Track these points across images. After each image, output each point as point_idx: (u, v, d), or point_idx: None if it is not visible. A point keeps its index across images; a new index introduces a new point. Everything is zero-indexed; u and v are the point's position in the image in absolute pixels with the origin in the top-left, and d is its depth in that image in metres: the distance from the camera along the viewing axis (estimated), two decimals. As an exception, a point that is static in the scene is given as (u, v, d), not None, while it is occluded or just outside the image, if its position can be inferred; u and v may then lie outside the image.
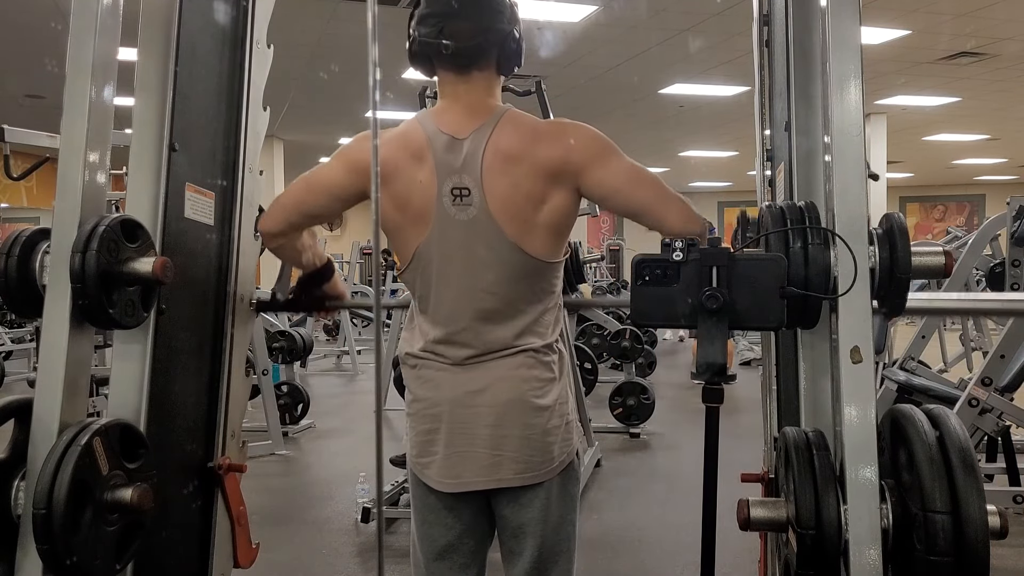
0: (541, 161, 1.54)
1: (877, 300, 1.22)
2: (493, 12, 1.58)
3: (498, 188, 1.53)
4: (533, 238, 1.56)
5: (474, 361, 1.59)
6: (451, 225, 1.55)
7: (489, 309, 1.57)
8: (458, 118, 1.58)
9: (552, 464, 1.60)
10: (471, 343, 1.59)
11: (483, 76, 1.60)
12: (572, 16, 6.55)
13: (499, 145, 1.54)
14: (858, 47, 1.23)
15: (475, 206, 1.54)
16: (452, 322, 1.59)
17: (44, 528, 1.18)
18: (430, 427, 1.62)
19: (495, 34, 1.58)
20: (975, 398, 3.44)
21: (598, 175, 1.56)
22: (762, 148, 1.66)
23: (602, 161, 1.56)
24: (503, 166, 1.54)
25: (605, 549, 3.58)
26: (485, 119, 1.57)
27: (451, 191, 1.54)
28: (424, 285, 1.61)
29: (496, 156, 1.54)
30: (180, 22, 1.59)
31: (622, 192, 1.57)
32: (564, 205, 1.57)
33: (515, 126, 1.58)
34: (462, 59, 1.58)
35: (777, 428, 1.56)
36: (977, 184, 19.17)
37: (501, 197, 1.53)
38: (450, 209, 1.55)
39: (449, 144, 1.56)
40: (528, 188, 1.54)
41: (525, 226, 1.55)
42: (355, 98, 9.14)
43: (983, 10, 6.46)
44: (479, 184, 1.53)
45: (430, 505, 1.66)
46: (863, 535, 1.09)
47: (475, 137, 1.55)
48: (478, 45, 1.57)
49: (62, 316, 1.30)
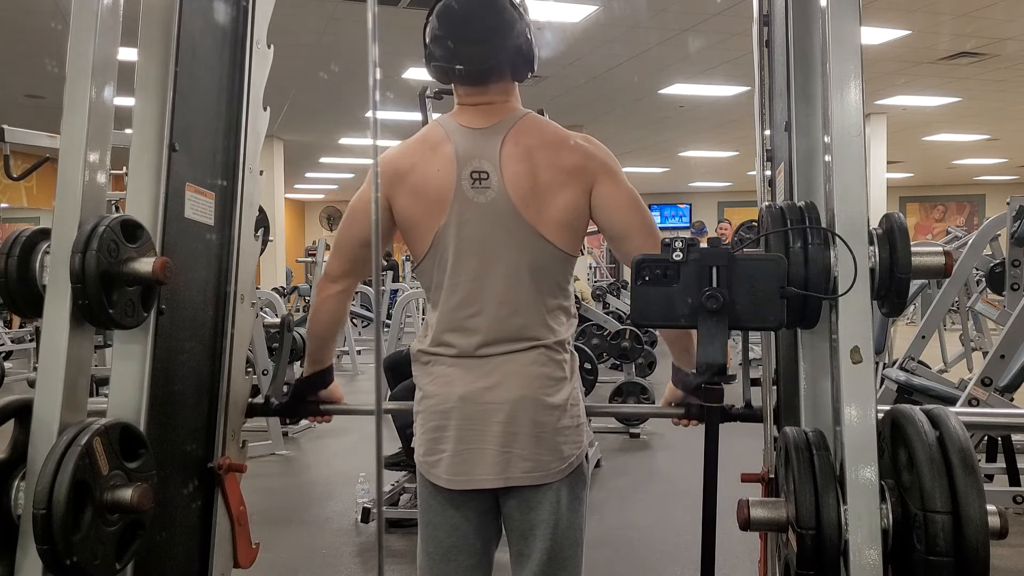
0: (559, 158, 1.60)
1: (877, 300, 1.22)
2: (504, 29, 1.60)
3: (516, 174, 1.58)
4: (549, 226, 1.59)
5: (484, 353, 1.60)
6: (469, 207, 1.58)
7: (504, 292, 1.59)
8: (478, 115, 1.64)
9: (562, 465, 1.60)
10: (482, 328, 1.59)
11: (499, 86, 1.65)
12: (572, 16, 6.55)
13: (519, 137, 1.60)
14: (858, 47, 1.23)
15: (494, 189, 1.58)
16: (467, 305, 1.60)
17: (44, 528, 1.18)
18: (439, 423, 1.62)
19: (508, 51, 1.61)
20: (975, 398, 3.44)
21: (609, 188, 1.62)
22: (762, 148, 1.66)
23: (614, 178, 1.63)
24: (522, 155, 1.59)
25: (605, 549, 3.58)
26: (505, 116, 1.63)
27: (470, 174, 1.58)
28: (440, 271, 1.62)
29: (515, 145, 1.59)
30: (180, 22, 1.59)
31: (621, 211, 1.63)
32: (576, 204, 1.61)
33: (537, 125, 1.64)
34: (477, 78, 1.63)
35: (777, 428, 1.56)
36: (977, 184, 19.17)
37: (519, 182, 1.58)
38: (468, 192, 1.58)
39: (469, 134, 1.62)
40: (546, 179, 1.58)
41: (540, 214, 1.58)
42: (355, 98, 9.14)
43: (983, 10, 6.46)
44: (497, 169, 1.58)
45: (437, 505, 1.66)
46: (863, 535, 1.09)
47: (495, 128, 1.61)
48: (492, 66, 1.61)
49: (62, 316, 1.30)
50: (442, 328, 1.63)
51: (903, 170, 16.53)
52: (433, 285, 1.65)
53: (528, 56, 1.65)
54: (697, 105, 10.00)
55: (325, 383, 1.88)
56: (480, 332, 1.60)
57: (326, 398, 1.90)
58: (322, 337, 1.81)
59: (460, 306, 1.61)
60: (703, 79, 8.68)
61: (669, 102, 9.82)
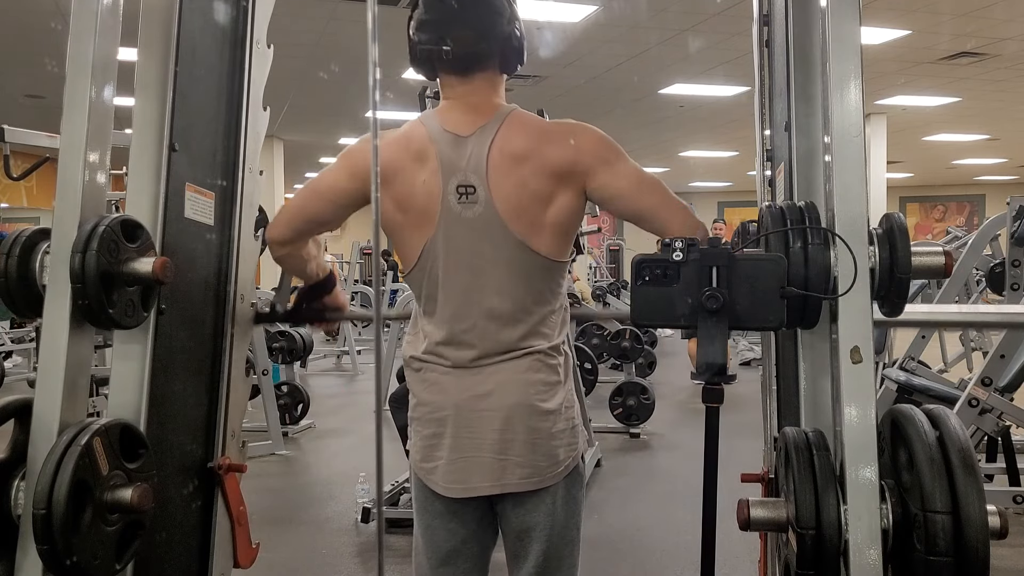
0: (548, 161, 1.54)
1: (877, 300, 1.22)
2: (492, 14, 1.57)
3: (504, 186, 1.53)
4: (539, 237, 1.55)
5: (479, 364, 1.58)
6: (457, 223, 1.54)
7: (495, 308, 1.56)
8: (462, 116, 1.58)
9: (557, 468, 1.60)
10: (476, 343, 1.57)
11: (485, 76, 1.60)
12: (572, 16, 6.55)
13: (505, 143, 1.54)
14: (858, 47, 1.23)
15: (481, 204, 1.53)
16: (458, 321, 1.58)
17: (44, 528, 1.18)
18: (435, 431, 1.61)
19: (495, 37, 1.58)
20: (975, 398, 3.44)
21: (605, 178, 1.56)
22: (762, 148, 1.66)
23: (609, 164, 1.56)
24: (509, 164, 1.53)
25: (605, 549, 3.58)
26: (490, 117, 1.57)
27: (456, 189, 1.54)
28: (431, 284, 1.60)
29: (502, 154, 1.54)
30: (180, 22, 1.59)
31: (627, 196, 1.57)
32: (570, 205, 1.57)
33: (521, 125, 1.58)
34: (463, 63, 1.57)
35: (777, 428, 1.56)
36: (977, 184, 19.18)
37: (507, 195, 1.53)
38: (455, 207, 1.54)
39: (453, 142, 1.55)
40: (535, 187, 1.53)
41: (531, 225, 1.54)
42: (355, 98, 9.14)
43: (983, 10, 6.46)
44: (484, 182, 1.53)
45: (434, 510, 1.65)
46: (863, 535, 1.09)
47: (480, 135, 1.55)
48: (479, 50, 1.57)
49: (62, 316, 1.30)
50: (436, 341, 1.60)
51: (903, 170, 16.53)
52: (424, 296, 1.62)
53: (518, 47, 1.61)
54: (697, 105, 10.00)
55: (327, 288, 1.88)
56: (474, 347, 1.57)
57: (330, 303, 1.90)
58: (298, 268, 1.81)
59: (452, 319, 1.58)
60: (703, 79, 8.68)
61: (669, 102, 9.83)
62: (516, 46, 1.61)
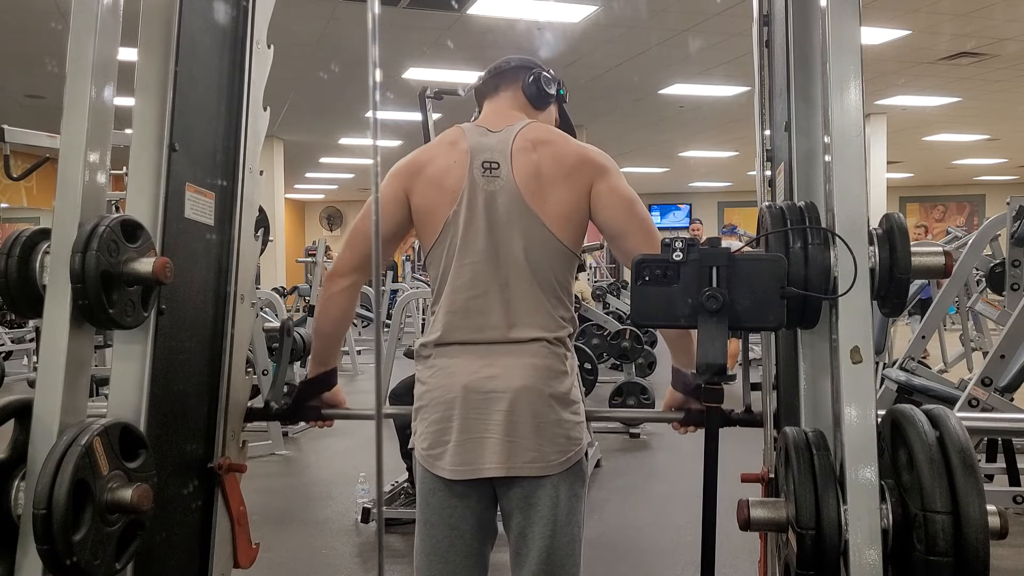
0: (562, 154, 1.70)
1: (877, 300, 1.22)
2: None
3: (524, 165, 1.68)
4: (549, 216, 1.66)
5: (489, 340, 1.64)
6: (479, 193, 1.67)
7: (507, 276, 1.65)
8: (494, 118, 1.77)
9: (561, 458, 1.63)
10: (487, 311, 1.64)
11: (511, 93, 1.80)
12: (572, 16, 6.55)
13: (528, 135, 1.71)
14: (858, 47, 1.23)
15: (503, 177, 1.67)
16: (472, 287, 1.66)
17: (44, 528, 1.18)
18: (443, 414, 1.65)
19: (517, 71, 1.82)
20: (975, 398, 3.44)
21: (608, 187, 1.69)
22: (762, 148, 1.66)
23: (611, 179, 1.71)
24: (530, 150, 1.69)
25: (605, 549, 3.58)
26: (516, 121, 1.76)
27: (482, 164, 1.69)
28: (448, 255, 1.69)
29: (525, 142, 1.70)
30: (180, 22, 1.59)
31: (618, 210, 1.69)
32: (576, 200, 1.68)
33: (543, 128, 1.76)
34: (496, 79, 1.82)
35: (777, 428, 1.56)
36: (977, 184, 19.17)
37: (525, 172, 1.67)
38: (480, 180, 1.68)
39: (484, 132, 1.74)
40: (548, 172, 1.67)
41: (544, 203, 1.67)
42: (355, 98, 9.14)
43: (983, 10, 6.46)
44: (508, 160, 1.68)
45: (436, 503, 1.67)
46: (863, 535, 1.09)
47: (508, 130, 1.73)
48: (505, 69, 1.82)
49: (62, 316, 1.30)
50: (447, 310, 1.67)
51: (903, 170, 16.53)
52: (441, 270, 1.70)
53: (542, 92, 1.82)
54: (697, 105, 10.00)
55: (328, 385, 1.88)
56: (484, 314, 1.65)
57: (328, 401, 1.90)
58: (329, 334, 1.83)
59: (466, 287, 1.66)
60: (703, 79, 8.68)
61: (669, 102, 9.82)
62: (534, 89, 1.81)
